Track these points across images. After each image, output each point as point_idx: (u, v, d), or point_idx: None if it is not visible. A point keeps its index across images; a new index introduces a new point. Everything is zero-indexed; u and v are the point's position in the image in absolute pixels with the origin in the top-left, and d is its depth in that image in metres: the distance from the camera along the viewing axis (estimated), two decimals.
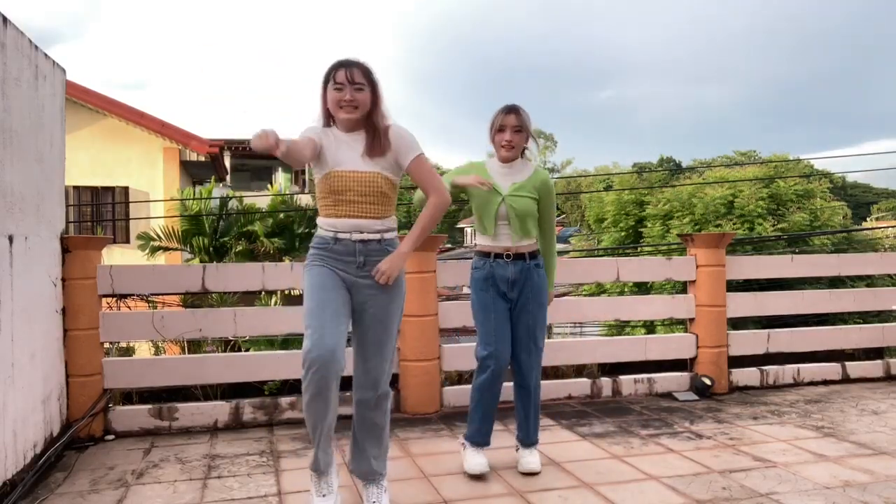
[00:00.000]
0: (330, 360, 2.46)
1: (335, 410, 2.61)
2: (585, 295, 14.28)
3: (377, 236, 2.63)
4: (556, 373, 4.84)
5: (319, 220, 2.69)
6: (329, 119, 2.70)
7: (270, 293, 8.68)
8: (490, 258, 3.20)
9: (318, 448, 2.65)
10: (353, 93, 2.56)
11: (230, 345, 5.96)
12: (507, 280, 3.17)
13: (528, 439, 3.30)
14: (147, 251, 11.23)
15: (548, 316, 3.34)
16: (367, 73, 2.61)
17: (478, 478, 3.17)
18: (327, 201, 2.62)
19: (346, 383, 2.68)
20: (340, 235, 2.61)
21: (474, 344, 3.28)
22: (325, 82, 2.63)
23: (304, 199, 16.49)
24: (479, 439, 3.25)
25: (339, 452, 3.54)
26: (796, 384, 5.07)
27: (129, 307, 4.67)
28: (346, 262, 2.61)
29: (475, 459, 3.20)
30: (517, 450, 3.35)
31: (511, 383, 3.30)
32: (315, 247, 2.67)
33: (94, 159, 14.76)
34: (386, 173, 2.63)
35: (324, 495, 2.70)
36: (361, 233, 2.60)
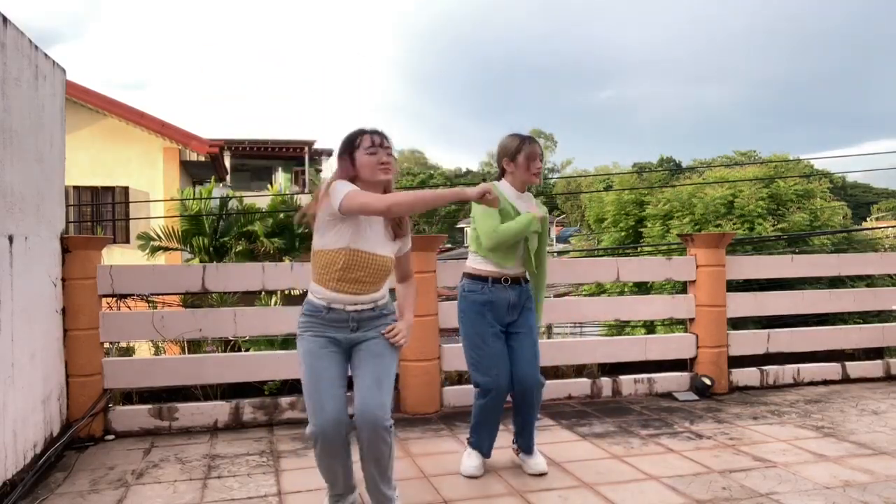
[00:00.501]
0: (334, 430, 2.54)
1: (349, 464, 2.69)
2: (585, 295, 14.28)
3: (371, 305, 2.64)
4: (556, 373, 4.84)
5: (312, 287, 2.65)
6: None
7: (270, 293, 8.68)
8: (488, 283, 3.18)
9: (342, 483, 2.71)
10: (387, 156, 2.60)
11: (230, 345, 5.96)
12: (507, 304, 3.18)
13: (528, 446, 3.31)
14: (147, 251, 11.23)
15: (548, 316, 3.35)
16: (390, 142, 2.65)
17: (473, 477, 3.19)
18: (329, 273, 2.57)
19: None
20: (334, 306, 2.59)
21: (483, 376, 3.24)
22: (350, 150, 2.60)
23: (304, 199, 16.48)
24: (484, 451, 3.30)
25: None
26: (796, 384, 5.07)
27: (129, 307, 4.67)
28: (339, 328, 2.61)
29: (469, 462, 3.25)
30: (518, 454, 3.35)
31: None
32: (306, 314, 2.65)
33: (94, 159, 14.76)
34: (395, 255, 2.69)
35: None
36: (356, 304, 2.60)
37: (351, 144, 2.62)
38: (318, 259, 2.60)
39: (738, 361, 4.98)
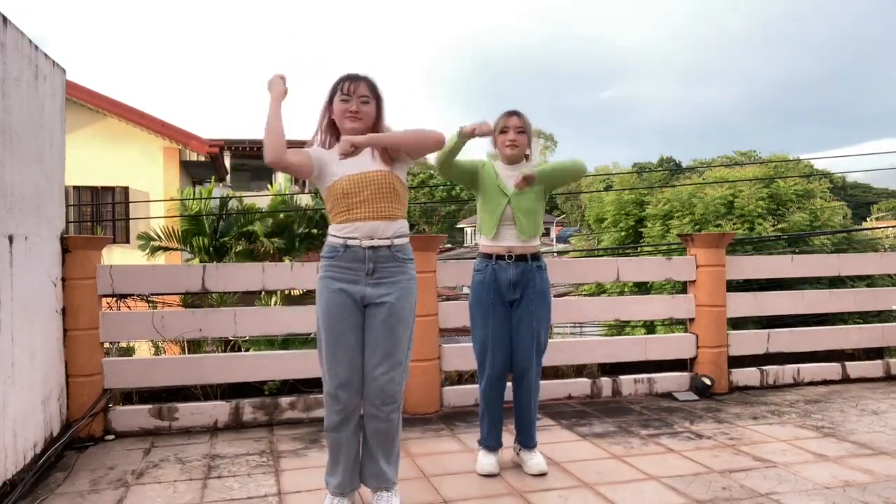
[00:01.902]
0: (347, 395, 2.61)
1: (356, 447, 2.71)
2: (585, 295, 14.28)
3: (387, 242, 2.65)
4: (556, 373, 4.84)
5: (331, 228, 2.70)
6: (329, 134, 2.75)
7: (270, 293, 8.68)
8: (492, 260, 3.22)
9: (340, 470, 2.70)
10: (358, 105, 2.65)
11: (230, 345, 5.96)
12: (508, 282, 3.19)
13: (529, 443, 3.31)
14: (147, 251, 11.23)
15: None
16: (372, 87, 2.69)
17: (484, 476, 3.20)
18: (340, 206, 2.64)
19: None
20: (351, 242, 2.62)
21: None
22: (332, 94, 2.70)
23: (304, 199, 16.47)
24: (491, 443, 3.30)
25: None
26: (796, 384, 5.07)
27: (129, 307, 4.67)
28: (355, 271, 2.63)
29: (484, 460, 3.27)
30: (518, 452, 3.35)
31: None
32: (325, 256, 2.70)
33: (94, 159, 14.74)
34: (396, 172, 2.69)
35: None
36: (372, 238, 2.62)
37: (334, 88, 2.70)
38: (327, 201, 2.69)
39: (738, 361, 4.98)
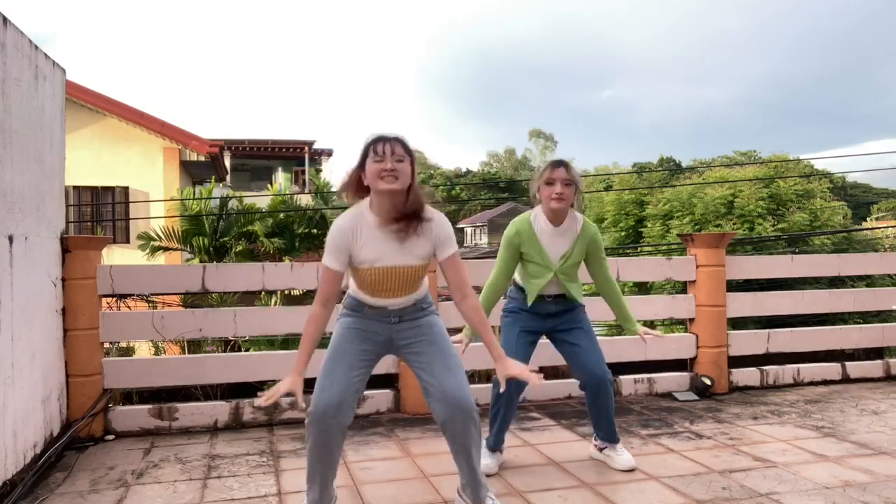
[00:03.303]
0: (332, 412, 2.49)
1: (336, 463, 2.63)
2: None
3: (412, 302, 2.67)
4: (555, 373, 4.84)
5: (353, 290, 2.68)
6: (359, 194, 2.63)
7: (270, 293, 8.68)
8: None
9: (320, 486, 2.63)
10: (394, 163, 2.51)
11: (230, 345, 5.96)
12: (546, 313, 3.24)
13: (611, 437, 3.32)
14: (147, 251, 11.24)
15: None
16: (405, 146, 2.57)
17: (488, 475, 3.20)
18: (364, 288, 2.62)
19: None
20: (376, 305, 2.64)
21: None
22: (364, 157, 2.58)
23: (304, 199, 16.48)
24: (496, 445, 3.34)
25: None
26: (796, 384, 5.07)
27: (129, 307, 4.67)
28: (381, 322, 2.65)
29: (484, 461, 3.24)
30: (602, 450, 3.36)
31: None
32: (349, 308, 2.69)
33: (94, 159, 14.76)
34: (422, 262, 2.61)
35: None
36: (396, 304, 2.64)
37: (366, 150, 2.58)
38: (353, 274, 2.64)
39: (738, 361, 4.98)
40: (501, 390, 3.11)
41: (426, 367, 2.61)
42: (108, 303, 4.30)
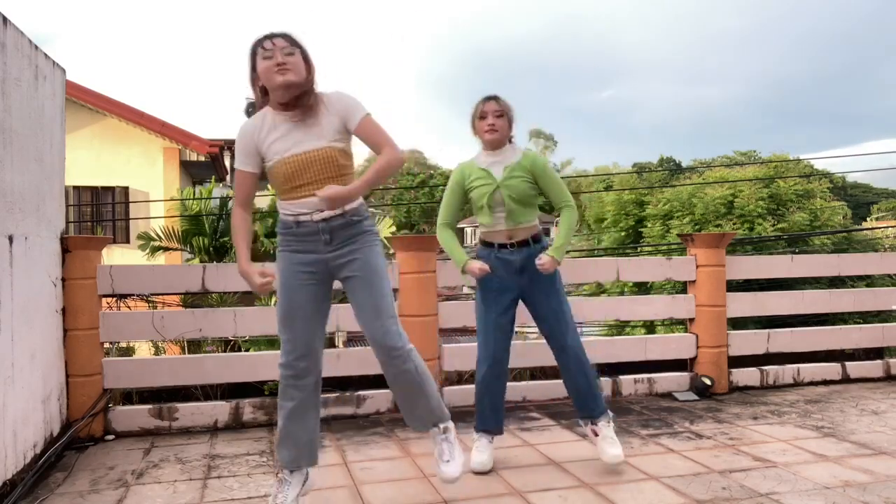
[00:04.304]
0: (305, 372, 2.57)
1: (313, 422, 2.67)
2: (585, 295, 14.27)
3: (339, 211, 2.56)
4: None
5: (279, 204, 2.64)
6: (265, 99, 2.60)
7: (270, 293, 8.67)
8: (494, 248, 3.19)
9: (292, 443, 2.67)
10: (283, 56, 2.48)
11: (230, 345, 5.96)
12: (514, 269, 3.16)
13: (596, 411, 3.23)
14: (147, 251, 11.23)
15: None
16: (291, 38, 2.54)
17: (483, 475, 3.19)
18: (284, 187, 2.57)
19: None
20: (302, 218, 2.56)
21: (474, 343, 3.29)
22: (253, 61, 2.55)
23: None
24: (491, 426, 3.28)
25: (337, 451, 3.55)
26: (796, 384, 5.07)
27: (129, 307, 4.67)
28: (313, 242, 2.58)
29: (477, 458, 3.24)
30: (594, 434, 3.28)
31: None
32: (281, 232, 2.65)
33: (94, 159, 14.74)
34: (337, 144, 2.56)
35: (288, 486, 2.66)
36: (322, 210, 2.54)
37: (253, 51, 2.55)
38: (271, 179, 2.61)
39: (738, 361, 4.98)
40: (483, 369, 3.19)
41: (358, 310, 2.61)
42: (108, 303, 4.29)
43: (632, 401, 4.66)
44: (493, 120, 3.15)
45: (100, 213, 15.66)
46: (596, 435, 3.28)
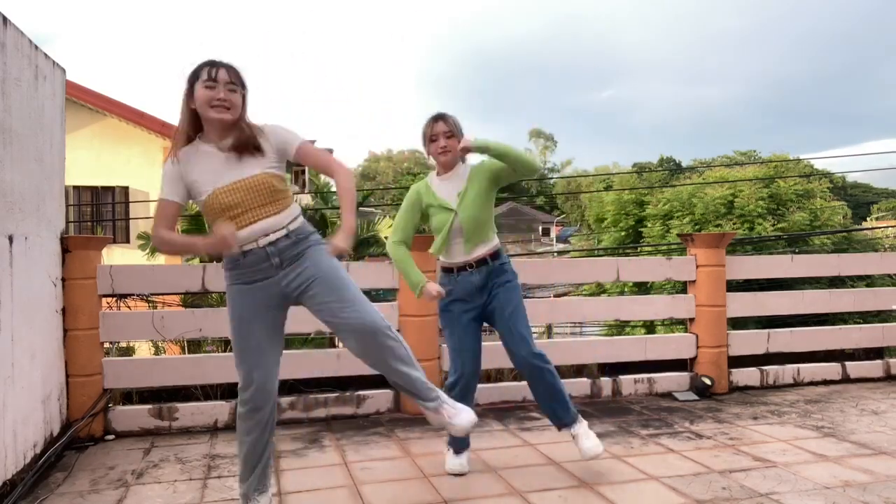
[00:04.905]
0: (262, 398, 2.59)
1: (269, 447, 2.69)
2: (585, 295, 14.27)
3: (283, 232, 2.50)
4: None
5: None
6: (192, 127, 2.53)
7: None
8: (454, 273, 3.17)
9: (253, 475, 2.68)
10: (226, 92, 2.43)
11: (230, 345, 5.96)
12: (475, 288, 3.14)
13: (566, 419, 3.22)
14: (147, 251, 11.23)
15: (548, 315, 3.33)
16: (237, 74, 2.50)
17: (482, 475, 3.20)
18: (222, 218, 2.46)
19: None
20: (247, 247, 2.48)
21: (452, 366, 3.29)
22: (192, 81, 2.47)
23: (304, 199, 16.48)
24: (456, 446, 3.28)
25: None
26: (796, 384, 5.07)
27: (129, 307, 4.67)
28: (263, 269, 2.51)
29: (451, 462, 3.26)
30: (573, 438, 3.26)
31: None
32: (227, 268, 2.56)
33: (94, 159, 14.74)
34: (272, 171, 2.52)
35: None
36: (267, 235, 2.47)
37: (195, 74, 2.48)
38: (206, 214, 2.54)
39: (738, 361, 4.98)
40: (452, 379, 3.19)
41: (324, 309, 2.53)
42: (108, 303, 4.29)
43: (632, 401, 4.66)
44: (445, 142, 3.14)
45: (100, 213, 15.66)
46: (574, 438, 3.27)
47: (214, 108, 2.43)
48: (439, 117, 3.17)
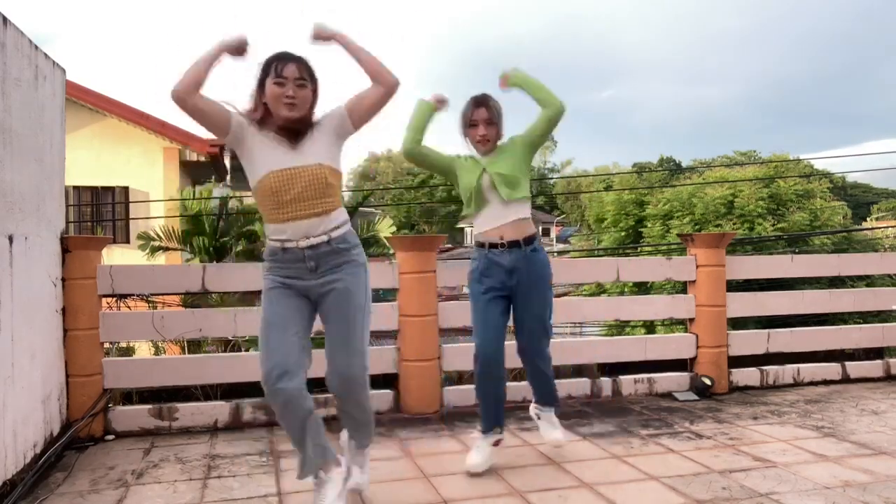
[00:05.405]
0: (278, 382, 2.50)
1: (310, 422, 2.60)
2: (585, 295, 14.27)
3: (325, 237, 2.53)
4: (555, 373, 4.83)
5: (266, 229, 2.60)
6: (263, 114, 2.56)
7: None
8: (485, 248, 3.14)
9: (302, 448, 2.63)
10: (294, 89, 2.47)
11: (230, 345, 5.96)
12: (504, 269, 3.10)
13: (543, 399, 3.35)
14: (147, 251, 11.23)
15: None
16: (309, 68, 2.52)
17: (482, 476, 3.18)
18: (268, 203, 2.51)
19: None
20: (287, 245, 2.52)
21: (474, 343, 3.28)
22: (263, 76, 2.51)
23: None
24: (487, 426, 3.27)
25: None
26: (796, 384, 5.07)
27: (129, 307, 4.67)
28: (298, 269, 2.55)
29: (473, 459, 3.23)
30: (538, 416, 3.43)
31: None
32: (267, 258, 2.61)
33: (94, 159, 14.73)
34: (325, 162, 2.54)
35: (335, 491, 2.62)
36: (308, 238, 2.51)
37: (266, 68, 2.51)
38: (256, 197, 2.57)
39: (738, 361, 4.98)
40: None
41: (329, 338, 2.62)
42: (108, 303, 4.29)
43: (632, 401, 4.66)
44: (485, 130, 3.09)
45: (100, 213, 15.65)
46: (538, 418, 3.43)
47: (284, 106, 2.48)
48: (482, 102, 3.09)
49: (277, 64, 2.48)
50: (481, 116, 3.08)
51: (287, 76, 2.46)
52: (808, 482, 3.08)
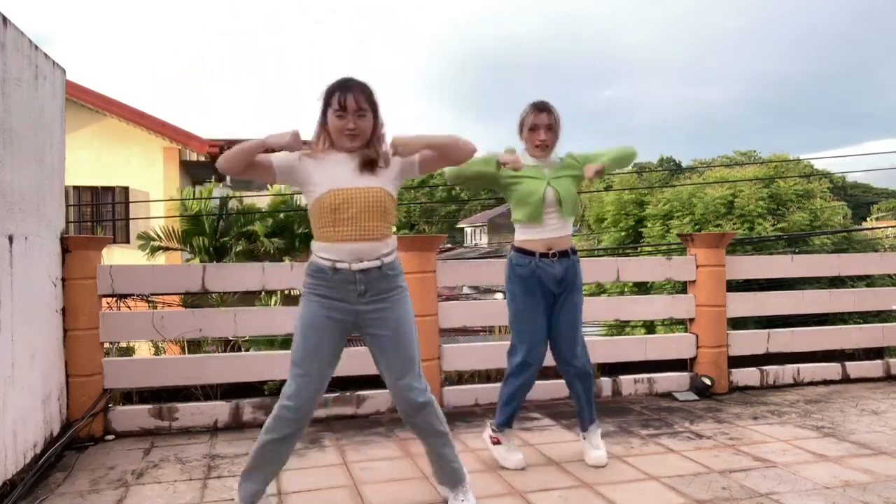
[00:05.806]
0: (305, 414, 2.55)
1: (285, 457, 2.65)
2: (585, 295, 14.28)
3: (377, 263, 2.54)
4: (556, 373, 4.84)
5: (315, 247, 2.58)
6: (327, 141, 2.61)
7: (270, 293, 8.68)
8: (535, 257, 3.16)
9: (260, 478, 2.64)
10: (355, 121, 2.51)
11: (230, 345, 5.96)
12: (555, 279, 3.17)
13: (592, 417, 3.38)
14: (147, 251, 11.24)
15: None
16: (368, 96, 2.54)
17: (482, 475, 3.18)
18: (325, 220, 2.50)
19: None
20: (339, 266, 2.51)
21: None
22: (326, 105, 2.56)
23: (304, 200, 16.47)
24: (510, 422, 3.34)
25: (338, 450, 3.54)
26: (796, 384, 5.07)
27: (129, 307, 4.67)
28: (346, 291, 2.53)
29: (514, 457, 3.30)
30: (583, 439, 3.43)
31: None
32: (313, 275, 2.56)
33: (94, 159, 14.74)
34: (387, 188, 2.57)
35: None
36: (361, 261, 2.50)
37: (326, 101, 2.55)
38: (312, 213, 2.58)
39: (738, 361, 4.98)
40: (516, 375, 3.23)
41: (385, 363, 2.62)
42: (108, 303, 4.29)
43: (632, 401, 4.66)
44: (545, 135, 3.14)
45: (100, 213, 15.65)
46: (584, 439, 3.44)
47: (346, 137, 2.54)
48: (544, 108, 3.15)
49: (339, 95, 2.51)
50: (543, 122, 3.13)
51: (348, 107, 2.50)
52: (808, 482, 3.08)
